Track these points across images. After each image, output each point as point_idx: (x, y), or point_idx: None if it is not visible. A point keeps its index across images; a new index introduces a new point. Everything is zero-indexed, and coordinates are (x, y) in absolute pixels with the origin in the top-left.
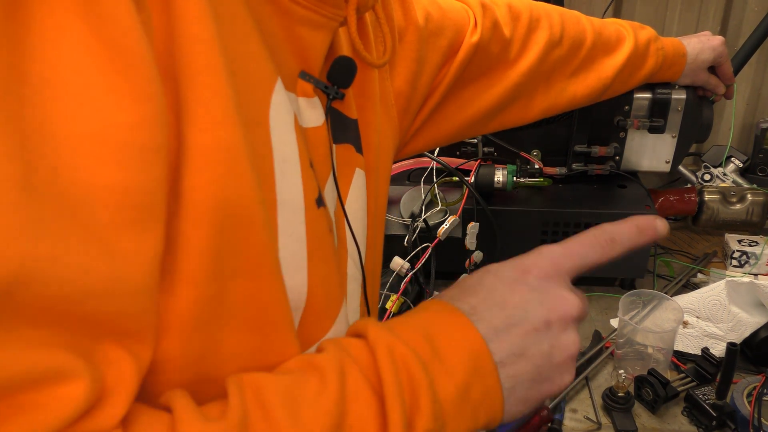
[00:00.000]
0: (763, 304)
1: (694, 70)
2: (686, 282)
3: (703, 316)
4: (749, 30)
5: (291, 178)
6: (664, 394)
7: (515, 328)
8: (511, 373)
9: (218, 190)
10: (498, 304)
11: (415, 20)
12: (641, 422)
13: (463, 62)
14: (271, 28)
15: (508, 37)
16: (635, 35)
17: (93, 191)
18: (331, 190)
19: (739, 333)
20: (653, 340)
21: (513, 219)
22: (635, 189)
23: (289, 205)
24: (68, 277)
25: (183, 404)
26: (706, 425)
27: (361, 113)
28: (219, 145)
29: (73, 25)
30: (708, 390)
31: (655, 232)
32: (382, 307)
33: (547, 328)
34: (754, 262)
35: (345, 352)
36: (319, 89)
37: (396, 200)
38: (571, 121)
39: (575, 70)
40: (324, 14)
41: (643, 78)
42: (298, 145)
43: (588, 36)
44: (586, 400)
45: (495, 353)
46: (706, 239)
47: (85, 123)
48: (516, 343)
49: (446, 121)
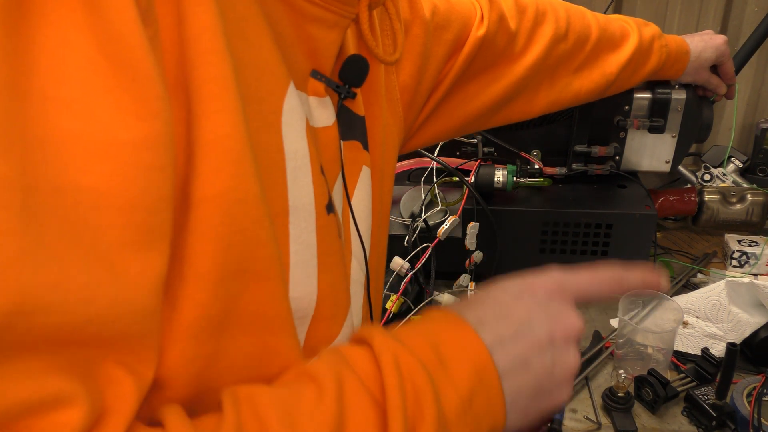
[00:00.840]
0: (763, 304)
1: (696, 69)
2: (686, 282)
3: (703, 316)
4: (749, 30)
5: (303, 184)
6: (664, 394)
7: (520, 340)
8: (514, 385)
9: (226, 204)
10: (504, 316)
11: (422, 13)
12: (641, 422)
13: (469, 56)
14: (282, 28)
15: (513, 30)
16: (639, 31)
17: (98, 211)
18: (339, 189)
19: (739, 333)
20: (653, 340)
21: (513, 219)
22: (635, 189)
23: (300, 212)
24: (71, 304)
25: (175, 419)
26: (706, 425)
27: (368, 110)
28: (226, 160)
29: (78, 41)
30: (708, 390)
31: (658, 288)
32: (382, 307)
33: (550, 343)
34: (754, 262)
35: (344, 361)
36: (331, 88)
37: (396, 200)
38: (571, 121)
39: (580, 65)
40: (336, 12)
41: (647, 75)
42: (310, 150)
43: (593, 31)
44: (586, 400)
45: (499, 363)
46: (706, 239)
47: (89, 141)
48: (520, 354)
49: (451, 114)
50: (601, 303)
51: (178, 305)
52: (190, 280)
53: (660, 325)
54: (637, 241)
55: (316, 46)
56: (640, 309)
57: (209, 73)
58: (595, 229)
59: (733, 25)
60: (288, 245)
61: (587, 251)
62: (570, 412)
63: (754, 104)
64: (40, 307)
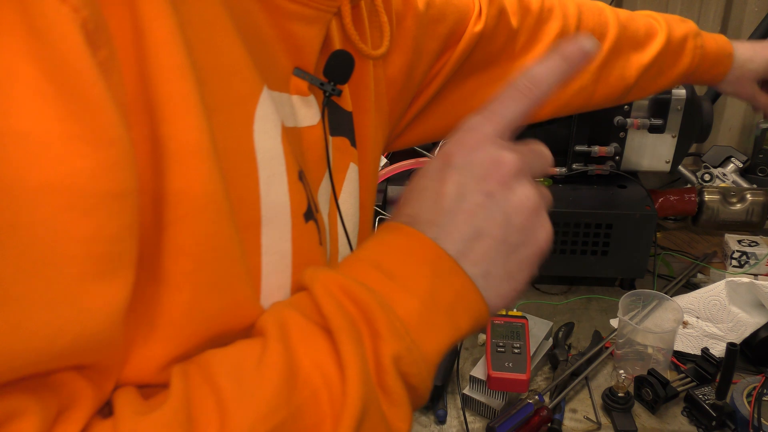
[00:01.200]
0: (763, 304)
1: (740, 79)
2: (686, 282)
3: (703, 317)
4: (749, 30)
5: (278, 192)
6: (664, 394)
7: (458, 215)
8: (476, 259)
9: (196, 223)
10: (432, 201)
11: (415, 5)
12: (641, 422)
13: (465, 52)
14: (259, 27)
15: (515, 27)
16: (669, 29)
17: (57, 245)
18: (326, 190)
19: (739, 333)
20: (653, 341)
21: None
22: (635, 189)
23: (274, 221)
24: (33, 343)
25: (123, 402)
26: (705, 425)
27: (356, 105)
28: (195, 178)
29: (24, 71)
30: (708, 390)
31: (583, 52)
32: None
33: (489, 198)
34: (754, 262)
35: (286, 304)
36: (315, 86)
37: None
38: (571, 121)
39: (595, 66)
40: (315, 7)
41: (676, 79)
42: (286, 156)
43: (610, 29)
44: (586, 400)
45: (448, 247)
46: (706, 239)
47: (42, 173)
48: (464, 227)
49: (446, 113)
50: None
51: (152, 329)
52: (164, 299)
53: (660, 325)
54: (637, 241)
55: (297, 43)
56: (640, 309)
57: (170, 89)
58: (595, 229)
59: (733, 25)
60: (260, 256)
61: (587, 251)
62: (570, 412)
63: None
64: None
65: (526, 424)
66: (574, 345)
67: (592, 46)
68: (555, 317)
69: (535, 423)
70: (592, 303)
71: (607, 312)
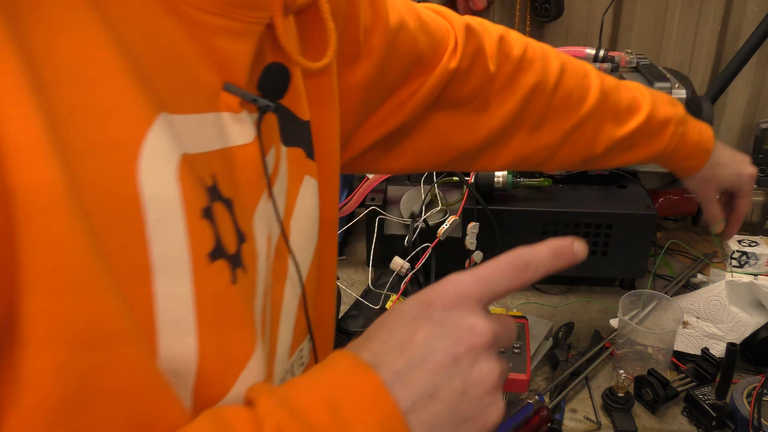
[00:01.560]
0: (763, 304)
1: (706, 180)
2: (686, 282)
3: (703, 317)
4: (749, 30)
5: (171, 236)
6: (664, 394)
7: (419, 369)
8: (424, 419)
9: (55, 286)
10: (399, 345)
11: (385, 22)
12: (641, 422)
13: (437, 86)
14: (174, 45)
15: (492, 71)
16: (652, 108)
17: None
18: (265, 210)
19: (739, 333)
20: (653, 341)
21: (513, 219)
22: (635, 189)
23: (168, 267)
24: None
25: None
26: (705, 425)
27: (317, 114)
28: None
29: None
30: (708, 390)
31: (573, 256)
32: (382, 307)
33: (455, 363)
34: (754, 262)
35: (223, 426)
36: (247, 101)
37: (396, 200)
38: None
39: (564, 128)
40: (242, 20)
41: (646, 158)
42: (184, 195)
43: (590, 95)
44: (586, 400)
45: (401, 400)
46: (706, 239)
47: None
48: (422, 384)
49: (416, 148)
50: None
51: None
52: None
53: (660, 325)
54: (637, 241)
55: (224, 58)
56: (640, 309)
57: (16, 142)
58: (595, 229)
59: (733, 25)
60: (152, 306)
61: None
62: (570, 412)
63: (754, 104)
64: None
65: (526, 424)
66: (574, 345)
67: (581, 252)
68: (555, 317)
69: (535, 423)
70: (592, 303)
71: (607, 312)
